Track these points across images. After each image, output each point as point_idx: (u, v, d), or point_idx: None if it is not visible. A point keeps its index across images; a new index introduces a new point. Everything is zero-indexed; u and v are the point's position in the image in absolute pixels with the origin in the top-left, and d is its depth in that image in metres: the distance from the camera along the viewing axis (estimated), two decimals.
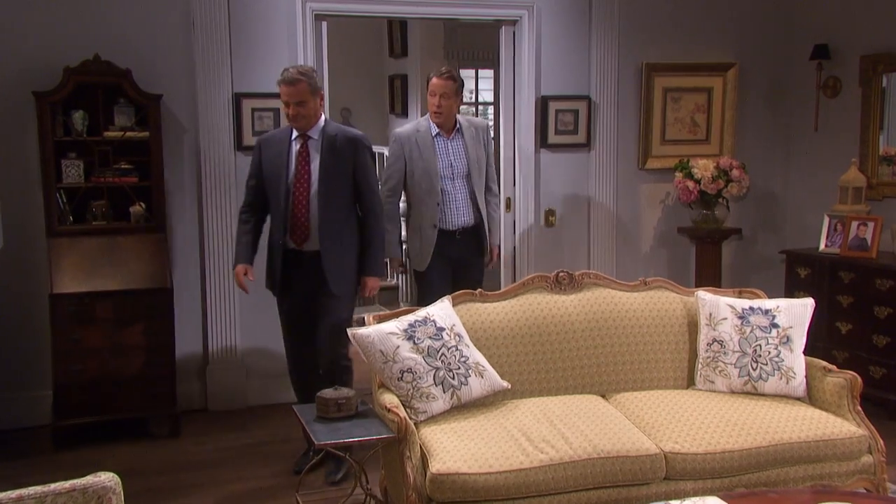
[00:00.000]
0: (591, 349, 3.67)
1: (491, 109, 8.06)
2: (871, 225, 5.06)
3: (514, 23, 5.27)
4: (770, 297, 3.96)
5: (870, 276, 4.90)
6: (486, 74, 7.88)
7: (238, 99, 4.79)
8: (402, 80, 8.11)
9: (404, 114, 8.15)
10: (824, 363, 3.60)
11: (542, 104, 5.33)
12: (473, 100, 8.13)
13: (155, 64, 4.69)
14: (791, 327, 3.63)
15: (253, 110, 4.81)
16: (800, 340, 3.63)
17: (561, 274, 3.79)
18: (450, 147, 4.42)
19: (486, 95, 8.02)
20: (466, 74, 7.99)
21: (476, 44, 7.61)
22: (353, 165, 3.86)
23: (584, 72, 5.41)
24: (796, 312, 3.68)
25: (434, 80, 4.34)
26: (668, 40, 5.58)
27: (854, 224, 5.13)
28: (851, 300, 5.01)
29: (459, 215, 4.44)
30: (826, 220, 5.35)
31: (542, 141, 5.38)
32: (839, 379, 3.48)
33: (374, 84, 8.64)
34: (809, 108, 5.73)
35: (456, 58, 7.81)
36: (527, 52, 5.25)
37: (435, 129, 4.41)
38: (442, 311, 3.47)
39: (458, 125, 4.45)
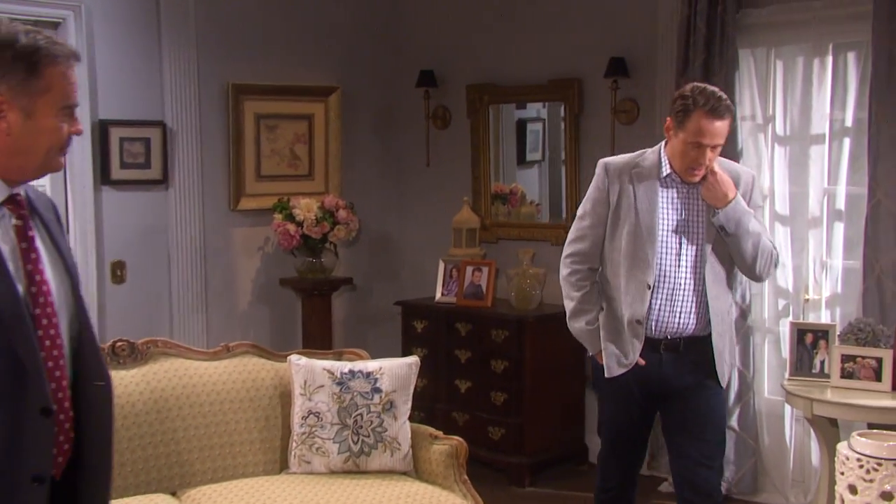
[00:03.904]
0: (158, 436, 3.57)
1: None
2: (485, 270, 5.59)
3: (55, 26, 5.04)
4: (388, 355, 4.19)
5: (486, 327, 5.39)
6: None
7: None
8: None
9: None
10: (431, 430, 3.86)
11: (102, 130, 5.15)
12: None
13: None
14: (394, 391, 3.85)
15: None
16: (404, 406, 3.85)
17: (119, 343, 3.67)
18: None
19: None
20: None
21: None
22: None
23: (156, 91, 5.34)
24: (400, 374, 3.90)
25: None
26: (259, 58, 5.72)
27: (469, 270, 5.63)
28: (469, 355, 5.47)
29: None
30: (441, 266, 5.81)
31: (103, 177, 5.18)
32: (445, 447, 3.75)
33: None
34: (420, 141, 6.22)
35: None
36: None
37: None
38: None
39: None
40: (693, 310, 3.48)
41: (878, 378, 3.95)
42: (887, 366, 3.94)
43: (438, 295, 5.77)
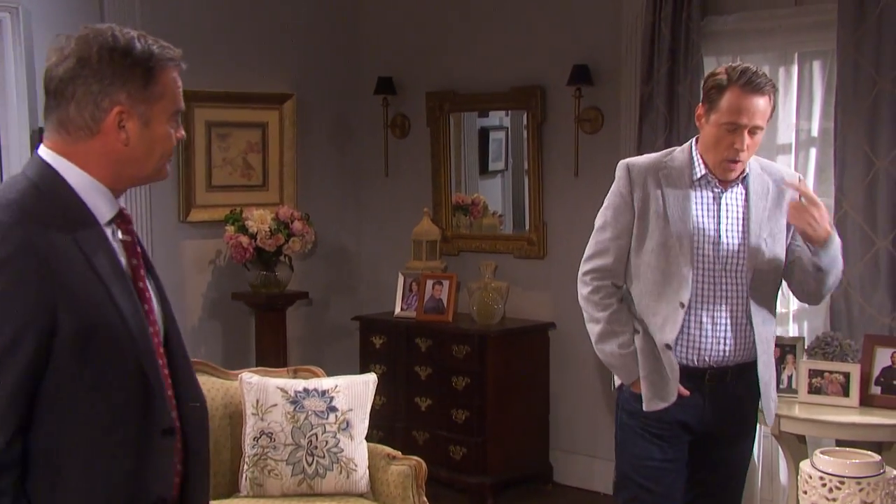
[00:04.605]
0: None
1: None
2: (445, 284, 5.60)
3: None
4: (345, 372, 4.19)
5: (446, 343, 5.40)
6: None
7: None
8: None
9: None
10: (389, 450, 3.87)
11: (41, 138, 5.08)
12: None
13: None
14: (351, 410, 3.85)
15: None
16: (361, 425, 3.86)
17: None
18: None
19: None
20: None
21: None
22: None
23: None
24: (357, 392, 3.91)
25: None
26: (210, 63, 5.66)
27: (429, 283, 5.64)
28: (430, 371, 5.48)
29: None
30: (401, 280, 5.81)
31: None
32: (403, 467, 3.75)
33: None
34: (379, 150, 6.22)
35: None
36: (14, 68, 4.98)
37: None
38: None
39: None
40: (736, 334, 3.09)
41: (846, 393, 4.00)
42: (854, 381, 3.99)
43: (398, 309, 5.77)
